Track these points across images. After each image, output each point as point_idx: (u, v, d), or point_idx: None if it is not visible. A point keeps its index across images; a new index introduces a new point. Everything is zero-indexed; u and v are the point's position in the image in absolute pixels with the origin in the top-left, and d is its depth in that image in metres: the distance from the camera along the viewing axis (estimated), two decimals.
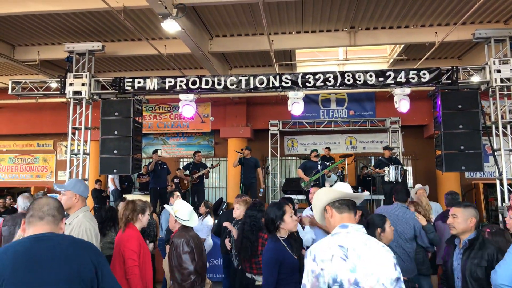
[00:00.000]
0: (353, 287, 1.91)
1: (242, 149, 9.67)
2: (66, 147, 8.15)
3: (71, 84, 7.90)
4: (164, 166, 9.94)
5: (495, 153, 7.33)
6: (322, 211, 2.27)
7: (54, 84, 8.28)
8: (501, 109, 7.32)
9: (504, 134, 7.30)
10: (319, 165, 8.72)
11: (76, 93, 7.93)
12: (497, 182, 7.33)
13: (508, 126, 7.32)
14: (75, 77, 7.93)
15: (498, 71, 7.14)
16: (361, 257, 1.95)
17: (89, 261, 1.97)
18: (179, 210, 3.78)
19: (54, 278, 1.86)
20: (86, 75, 7.91)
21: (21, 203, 4.91)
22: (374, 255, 1.98)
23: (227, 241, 4.88)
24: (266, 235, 3.63)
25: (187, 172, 9.86)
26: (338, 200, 2.20)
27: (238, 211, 4.74)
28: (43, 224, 2.05)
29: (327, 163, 9.59)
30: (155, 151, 10.05)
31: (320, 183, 8.57)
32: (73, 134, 8.12)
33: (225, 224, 4.88)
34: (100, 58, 9.66)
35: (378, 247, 2.03)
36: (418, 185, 6.54)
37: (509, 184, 7.11)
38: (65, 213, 3.05)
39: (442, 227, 4.91)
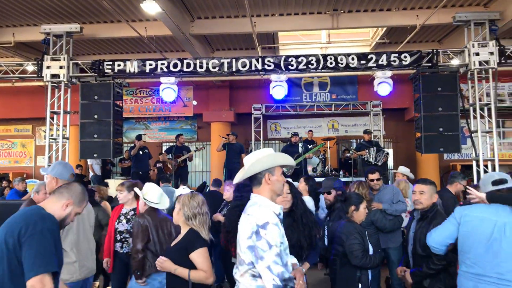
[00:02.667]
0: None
1: (227, 134, 9.66)
2: (45, 132, 7.98)
3: (48, 67, 7.69)
4: (146, 151, 9.84)
5: (472, 135, 7.50)
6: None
7: (30, 67, 8.05)
8: (479, 92, 7.47)
9: (481, 117, 7.47)
10: (300, 148, 8.77)
11: (54, 76, 7.73)
12: (474, 163, 7.53)
13: (485, 108, 7.48)
14: (53, 59, 7.72)
15: (477, 54, 7.26)
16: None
17: (17, 231, 2.06)
18: (148, 193, 3.85)
19: None
20: (64, 58, 7.72)
21: None
22: (239, 222, 2.25)
23: (216, 216, 4.94)
24: None
25: (170, 156, 9.80)
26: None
27: (228, 193, 4.84)
28: None
29: (310, 146, 9.67)
30: (139, 138, 9.87)
31: (302, 166, 8.65)
32: (52, 118, 7.95)
33: (215, 217, 4.94)
34: (78, 41, 9.41)
35: (243, 216, 2.26)
36: (400, 168, 6.63)
37: (485, 165, 7.31)
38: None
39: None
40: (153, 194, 3.85)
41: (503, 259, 2.48)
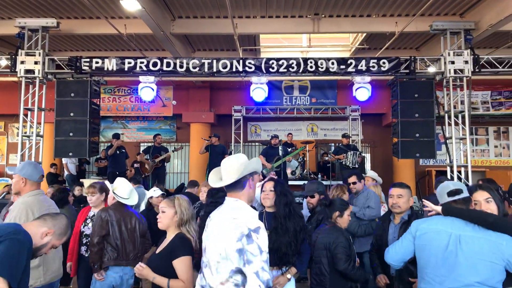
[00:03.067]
0: (204, 253, 2.28)
1: (210, 137, 9.65)
2: (18, 129, 7.74)
3: (22, 62, 7.47)
4: (123, 151, 9.69)
5: (447, 141, 7.69)
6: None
7: (3, 62, 7.81)
8: (453, 100, 7.66)
9: (456, 124, 7.67)
10: (280, 151, 8.80)
11: (28, 71, 7.51)
12: (448, 169, 7.71)
13: (460, 116, 7.69)
14: (27, 54, 7.50)
15: (452, 62, 7.45)
16: (208, 226, 2.30)
17: None
18: (118, 187, 3.85)
19: None
20: (39, 53, 7.51)
21: None
22: (216, 226, 2.24)
23: None
24: None
25: (148, 156, 9.66)
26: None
27: (206, 195, 4.77)
28: None
29: (289, 149, 9.71)
30: (117, 137, 9.66)
31: (281, 169, 8.67)
32: (26, 115, 7.72)
33: None
34: (55, 36, 9.18)
35: (224, 219, 2.22)
36: (369, 173, 6.67)
37: (458, 171, 7.49)
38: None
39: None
40: (123, 189, 3.85)
41: (460, 273, 2.40)
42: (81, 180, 9.95)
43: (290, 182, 9.56)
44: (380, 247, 3.51)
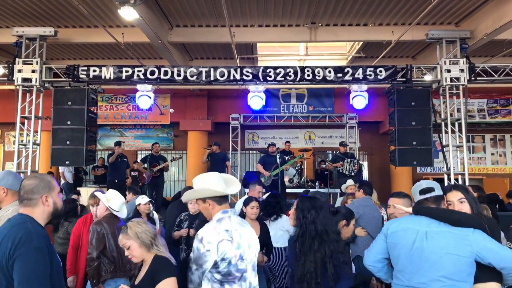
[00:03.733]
0: (239, 261, 2.37)
1: (210, 145, 9.66)
2: (15, 137, 7.71)
3: (20, 71, 7.47)
4: (124, 159, 9.55)
5: (444, 149, 7.71)
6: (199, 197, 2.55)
7: (1, 70, 7.81)
8: (450, 108, 7.70)
9: (452, 132, 7.70)
10: (278, 159, 8.80)
11: (26, 80, 7.52)
12: (445, 176, 7.73)
13: (456, 124, 7.72)
14: (25, 63, 7.51)
15: (448, 71, 7.50)
16: (241, 235, 2.43)
17: (7, 250, 1.94)
18: (112, 200, 3.82)
19: None
20: (37, 62, 7.52)
21: None
22: (249, 233, 2.51)
23: (177, 233, 4.82)
24: None
25: (145, 165, 9.60)
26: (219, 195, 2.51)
27: (197, 206, 4.69)
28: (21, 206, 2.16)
29: (287, 157, 9.71)
30: (119, 144, 9.55)
31: (279, 177, 8.66)
32: (22, 123, 7.70)
33: (177, 234, 4.82)
34: (52, 45, 9.19)
35: (249, 225, 2.58)
36: (349, 181, 6.65)
37: (455, 179, 7.51)
38: None
39: None
40: (116, 202, 3.83)
41: (426, 269, 2.43)
42: (77, 188, 9.88)
43: (287, 190, 9.54)
44: None
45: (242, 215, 4.15)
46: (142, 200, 4.92)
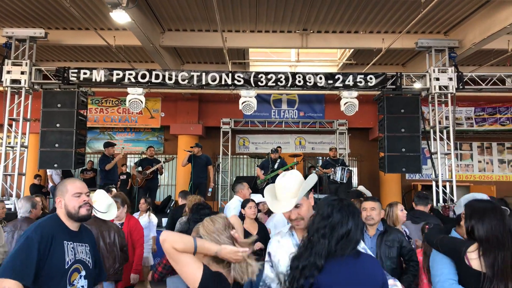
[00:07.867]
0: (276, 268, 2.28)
1: (191, 147, 9.27)
2: (2, 139, 7.61)
3: (8, 72, 7.40)
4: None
5: (432, 156, 7.80)
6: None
7: None
8: (438, 115, 7.81)
9: (441, 139, 7.80)
10: (276, 164, 8.94)
11: (15, 81, 7.44)
12: (433, 183, 7.81)
13: (445, 131, 7.83)
14: (14, 64, 7.44)
15: (437, 79, 7.62)
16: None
17: None
18: (97, 201, 3.64)
19: None
20: (26, 63, 7.45)
21: (22, 205, 4.15)
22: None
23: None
24: None
25: (140, 168, 9.47)
26: None
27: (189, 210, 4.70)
28: None
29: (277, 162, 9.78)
30: (112, 145, 9.26)
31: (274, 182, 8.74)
32: (10, 125, 7.61)
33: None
34: (43, 46, 9.12)
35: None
36: (360, 188, 6.69)
37: (443, 186, 7.59)
38: None
39: (412, 227, 4.74)
40: (102, 203, 3.68)
41: None
42: None
43: None
44: None
45: (242, 217, 4.21)
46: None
